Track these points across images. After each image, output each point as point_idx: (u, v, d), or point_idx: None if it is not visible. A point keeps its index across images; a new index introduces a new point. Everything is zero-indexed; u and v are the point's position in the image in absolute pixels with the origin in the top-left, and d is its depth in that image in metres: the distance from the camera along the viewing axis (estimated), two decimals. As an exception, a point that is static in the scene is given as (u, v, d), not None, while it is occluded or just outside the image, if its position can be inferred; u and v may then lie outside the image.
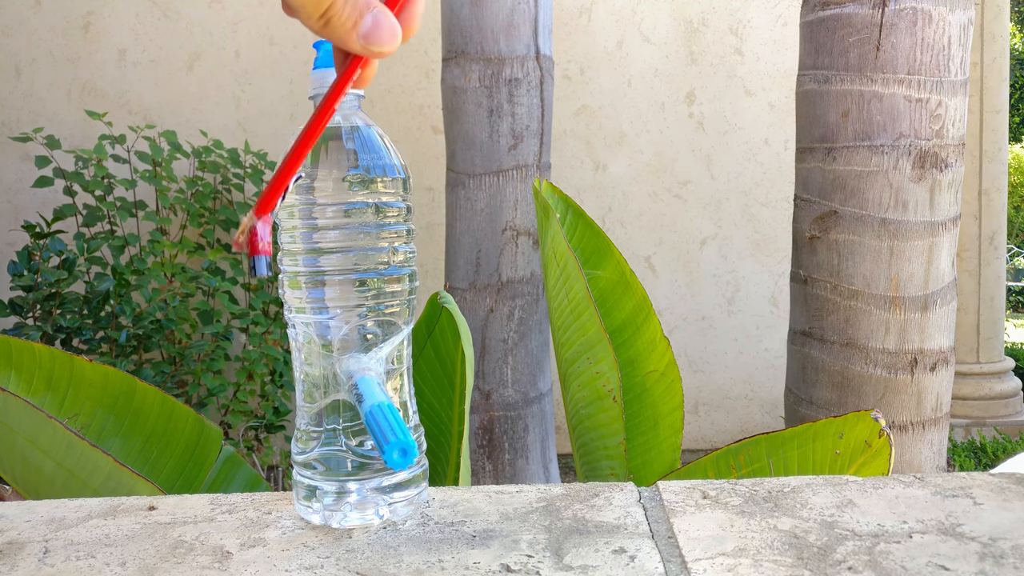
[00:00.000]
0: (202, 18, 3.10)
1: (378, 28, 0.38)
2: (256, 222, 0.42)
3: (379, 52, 0.39)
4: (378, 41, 0.38)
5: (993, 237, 3.52)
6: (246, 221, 0.42)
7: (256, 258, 0.42)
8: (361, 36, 0.38)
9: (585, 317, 1.05)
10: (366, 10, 0.38)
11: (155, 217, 2.63)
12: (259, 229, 0.42)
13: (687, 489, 0.54)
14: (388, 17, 0.39)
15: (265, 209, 0.42)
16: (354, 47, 0.38)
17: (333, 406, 0.50)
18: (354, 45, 0.38)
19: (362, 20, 0.38)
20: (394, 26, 0.39)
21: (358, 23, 0.38)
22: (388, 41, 0.39)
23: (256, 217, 0.42)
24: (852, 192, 1.42)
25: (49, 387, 0.81)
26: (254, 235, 0.42)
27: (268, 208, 0.42)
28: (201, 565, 0.45)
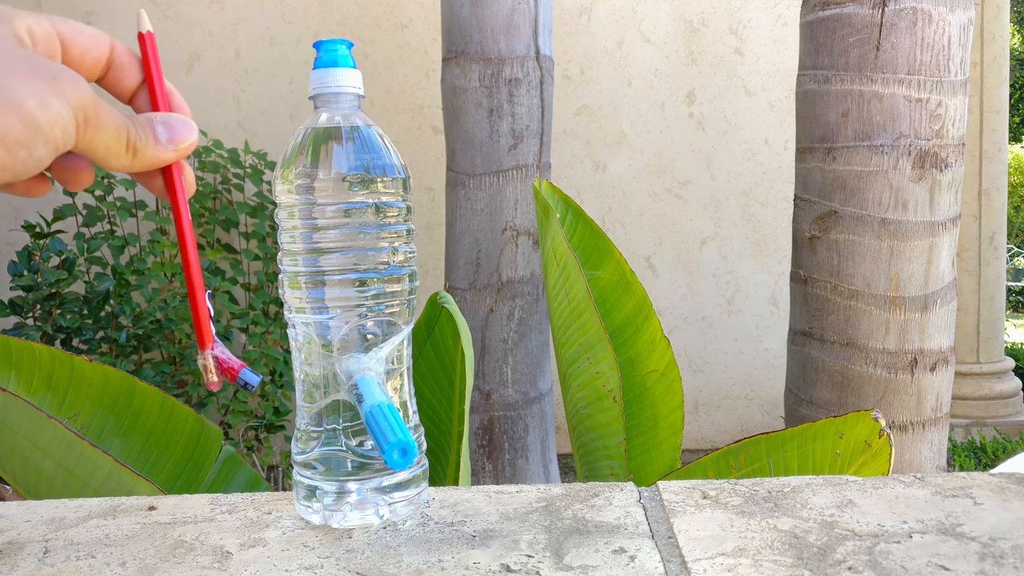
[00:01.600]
0: (202, 18, 3.10)
1: (171, 128, 0.39)
2: (210, 354, 0.43)
3: (188, 147, 0.40)
4: (182, 137, 0.40)
5: (993, 237, 3.52)
6: (202, 362, 0.43)
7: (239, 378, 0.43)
8: (167, 144, 0.39)
9: (585, 317, 1.05)
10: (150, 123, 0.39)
11: (155, 217, 2.63)
12: (219, 356, 0.43)
13: (687, 489, 0.54)
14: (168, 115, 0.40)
15: (207, 340, 0.43)
16: (168, 156, 0.39)
17: (333, 406, 0.50)
18: (167, 155, 0.39)
19: (156, 132, 0.39)
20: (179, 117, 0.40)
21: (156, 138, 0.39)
22: (188, 131, 0.40)
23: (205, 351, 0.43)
24: (852, 192, 1.42)
25: (49, 387, 0.81)
26: (221, 365, 0.43)
27: (209, 338, 0.43)
28: (201, 565, 0.45)
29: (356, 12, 3.15)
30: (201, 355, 0.43)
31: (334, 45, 0.50)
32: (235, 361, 0.43)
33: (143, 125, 0.38)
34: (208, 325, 0.43)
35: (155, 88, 0.40)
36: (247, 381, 0.43)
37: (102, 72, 0.40)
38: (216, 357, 0.43)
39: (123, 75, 0.40)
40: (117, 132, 0.37)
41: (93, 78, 0.40)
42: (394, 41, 3.16)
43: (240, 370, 0.43)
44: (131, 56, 0.40)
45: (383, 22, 3.16)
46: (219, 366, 0.43)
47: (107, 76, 0.40)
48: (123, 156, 0.37)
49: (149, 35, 0.41)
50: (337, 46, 0.50)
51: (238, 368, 0.43)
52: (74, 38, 0.38)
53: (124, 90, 0.41)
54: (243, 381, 0.43)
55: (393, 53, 3.16)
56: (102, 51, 0.39)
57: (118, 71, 0.40)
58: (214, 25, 3.11)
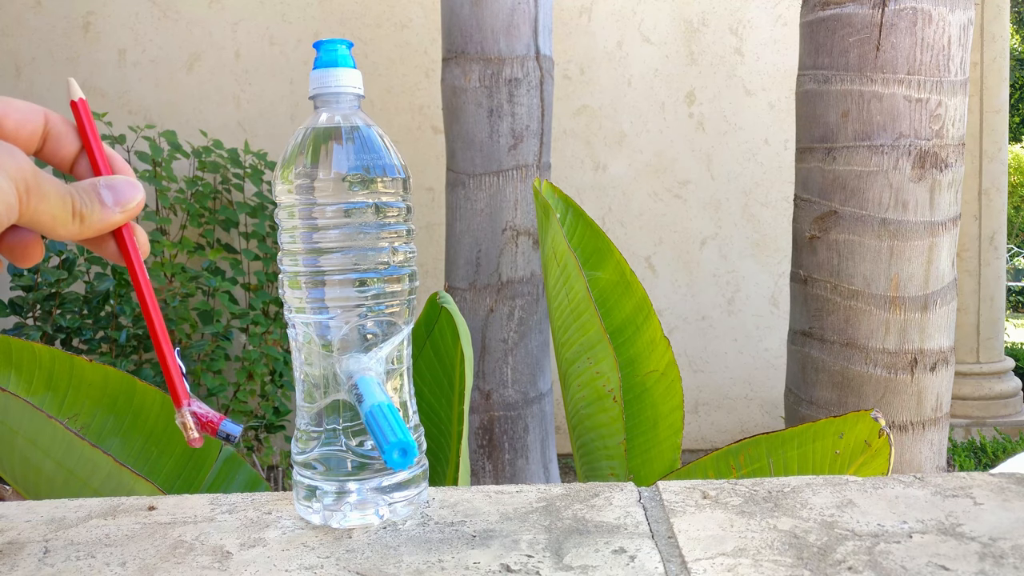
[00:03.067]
0: (202, 18, 3.10)
1: (116, 190, 0.39)
2: (187, 411, 0.43)
3: (135, 208, 0.40)
4: (128, 198, 0.39)
5: (993, 237, 3.52)
6: (180, 420, 0.43)
7: (220, 432, 0.43)
8: (113, 206, 0.39)
9: (585, 317, 1.05)
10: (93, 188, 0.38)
11: (155, 217, 2.63)
12: (197, 412, 0.43)
13: (687, 489, 0.54)
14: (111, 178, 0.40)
15: (183, 397, 0.43)
16: (116, 219, 0.39)
17: (333, 406, 0.50)
18: (115, 217, 0.39)
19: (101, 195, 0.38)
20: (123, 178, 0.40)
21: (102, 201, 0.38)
22: (133, 192, 0.40)
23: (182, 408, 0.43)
24: (852, 192, 1.42)
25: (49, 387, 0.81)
26: (199, 420, 0.43)
27: (184, 394, 0.43)
28: (201, 565, 0.45)
29: (356, 12, 3.15)
30: (178, 413, 0.43)
31: (334, 45, 0.50)
32: (213, 414, 0.43)
33: (87, 191, 0.38)
34: (181, 383, 0.43)
35: (94, 153, 0.40)
36: (228, 433, 0.43)
37: (39, 144, 0.40)
38: (194, 413, 0.43)
39: (60, 144, 0.40)
40: (61, 200, 0.36)
41: (30, 151, 0.39)
42: (394, 41, 3.16)
43: (220, 423, 0.43)
44: (66, 125, 0.40)
45: (383, 22, 3.16)
46: (198, 421, 0.43)
47: (44, 147, 0.40)
48: (71, 224, 0.37)
49: (81, 102, 0.41)
50: (337, 46, 0.50)
51: (217, 421, 0.43)
52: (6, 112, 0.38)
53: (63, 159, 0.41)
54: (224, 433, 0.43)
55: (393, 53, 3.16)
56: (36, 123, 0.39)
57: (55, 141, 0.40)
58: (214, 25, 3.11)
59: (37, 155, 0.40)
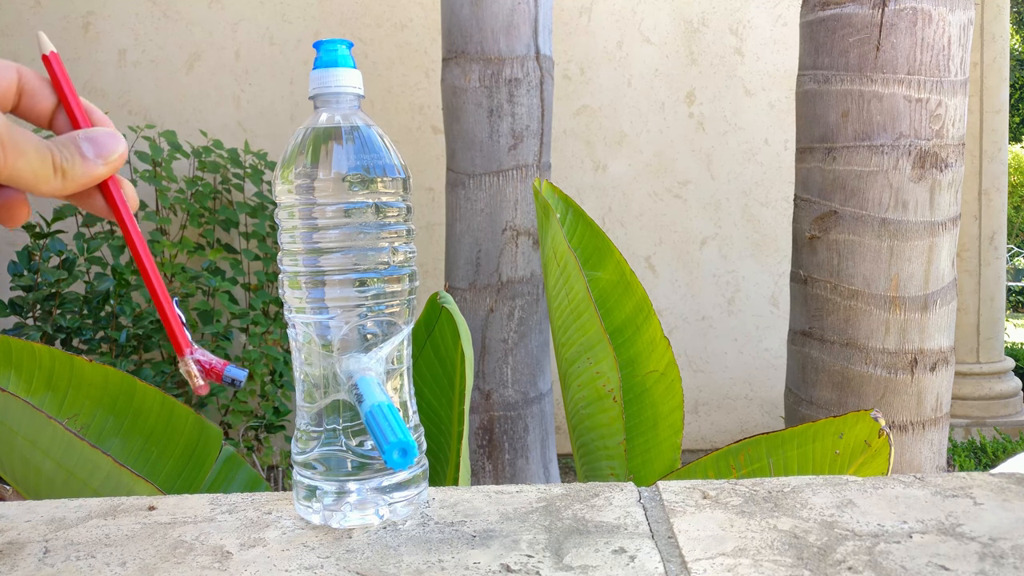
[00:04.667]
0: (202, 18, 3.10)
1: (97, 142, 0.38)
2: (190, 359, 0.42)
3: (119, 159, 0.39)
4: (110, 150, 0.38)
5: (993, 237, 3.52)
6: (184, 369, 0.42)
7: (224, 377, 0.42)
8: (95, 159, 0.38)
9: (585, 317, 1.05)
10: (73, 142, 0.38)
11: (155, 217, 2.63)
12: (200, 359, 0.42)
13: (687, 489, 0.54)
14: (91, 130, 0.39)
15: (184, 344, 0.42)
16: (100, 171, 0.38)
17: (333, 406, 0.50)
18: (99, 170, 0.38)
19: (81, 149, 0.38)
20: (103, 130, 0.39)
21: (83, 154, 0.37)
22: (114, 143, 0.39)
23: (184, 357, 0.42)
24: (852, 192, 1.42)
25: (49, 387, 0.81)
26: (203, 368, 0.42)
27: (185, 343, 0.42)
28: (201, 565, 0.45)
29: (356, 12, 3.15)
30: (182, 362, 0.42)
31: (334, 45, 0.50)
32: (217, 361, 0.43)
33: (66, 145, 0.37)
34: (182, 331, 0.42)
35: (71, 107, 0.39)
36: (234, 378, 0.42)
37: (14, 101, 0.39)
38: (198, 360, 0.42)
39: (36, 100, 0.39)
40: (39, 155, 0.36)
41: (6, 109, 0.39)
42: (394, 41, 3.16)
43: (224, 368, 0.42)
44: (41, 80, 0.39)
45: (383, 22, 3.16)
46: (202, 369, 0.42)
47: (20, 104, 0.39)
48: (52, 179, 0.36)
49: (53, 55, 0.40)
50: (337, 46, 0.50)
51: (221, 367, 0.42)
52: None
53: (41, 114, 0.40)
54: (229, 378, 0.42)
55: (393, 53, 3.16)
56: (9, 79, 0.38)
57: (30, 97, 0.39)
58: (214, 25, 3.11)
59: (13, 112, 0.39)
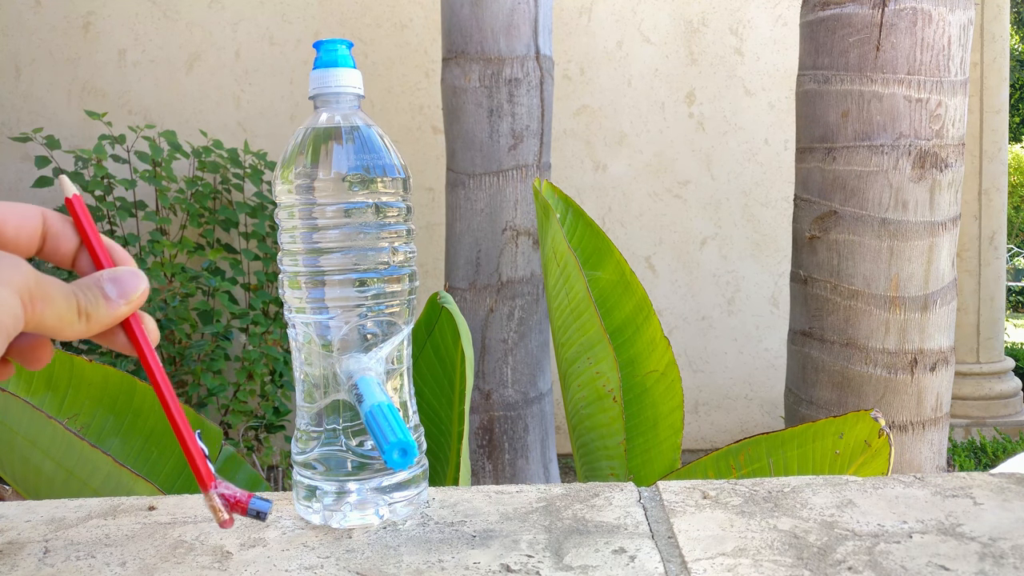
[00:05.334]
0: (202, 18, 3.10)
1: (119, 282, 0.38)
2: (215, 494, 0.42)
3: (140, 297, 0.39)
4: (132, 288, 0.39)
5: (993, 237, 3.52)
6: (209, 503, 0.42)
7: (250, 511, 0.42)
8: (118, 299, 0.38)
9: (585, 317, 1.05)
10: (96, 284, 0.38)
11: (155, 217, 2.63)
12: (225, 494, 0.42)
13: (687, 489, 0.54)
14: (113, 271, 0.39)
15: (208, 479, 0.42)
16: (122, 311, 0.38)
17: (333, 406, 0.50)
18: (121, 310, 0.38)
19: (105, 291, 0.38)
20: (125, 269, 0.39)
21: (106, 296, 0.38)
22: (137, 282, 0.39)
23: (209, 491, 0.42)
24: (852, 192, 1.42)
25: (49, 387, 0.81)
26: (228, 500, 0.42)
27: (210, 476, 0.42)
28: (201, 565, 0.45)
29: (356, 12, 3.15)
30: (206, 496, 0.42)
31: (334, 45, 0.50)
32: (242, 493, 0.42)
33: (90, 287, 0.37)
34: (206, 466, 0.42)
35: (93, 247, 0.40)
36: (259, 510, 0.42)
37: (39, 244, 0.39)
38: (222, 495, 0.42)
39: (60, 242, 0.40)
40: (66, 301, 0.36)
41: (31, 252, 0.39)
42: (394, 41, 3.16)
43: (248, 501, 0.42)
44: (64, 222, 0.40)
45: (383, 22, 3.16)
46: (226, 503, 0.42)
47: (44, 247, 0.40)
48: (77, 323, 0.36)
49: (76, 198, 0.40)
50: (337, 46, 0.50)
51: (246, 500, 0.42)
52: (4, 217, 0.37)
53: (64, 256, 0.40)
54: (255, 511, 0.42)
55: (393, 53, 3.16)
56: (35, 224, 0.39)
57: (54, 240, 0.40)
58: (214, 25, 3.11)
59: (38, 255, 0.40)
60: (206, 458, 0.42)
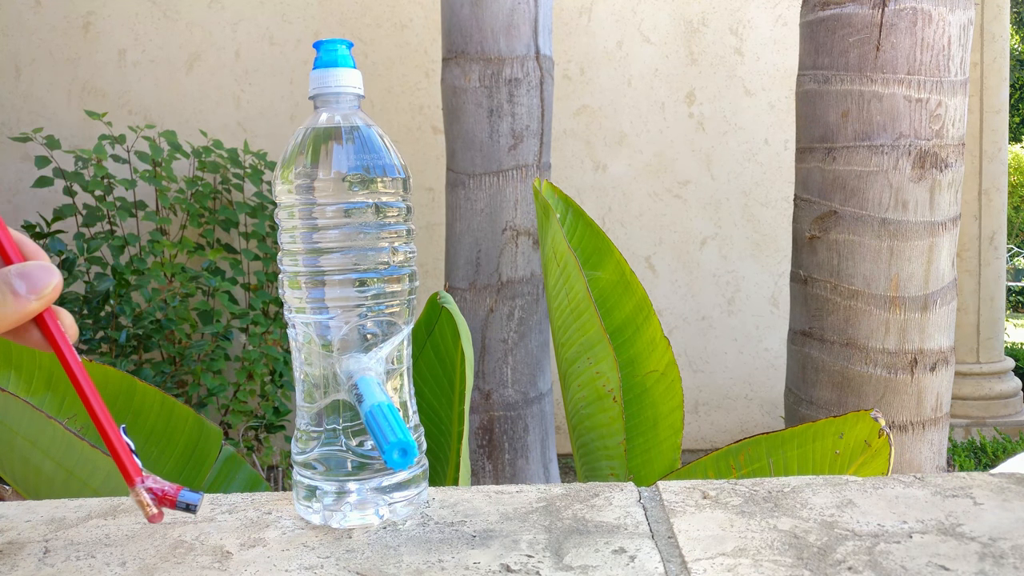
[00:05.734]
0: (202, 18, 3.10)
1: (29, 277, 0.37)
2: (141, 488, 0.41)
3: (53, 292, 0.38)
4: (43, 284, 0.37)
5: (993, 237, 3.51)
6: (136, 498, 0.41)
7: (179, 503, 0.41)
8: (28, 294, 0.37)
9: (585, 317, 1.05)
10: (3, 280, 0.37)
11: (155, 217, 2.63)
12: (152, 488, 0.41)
13: (687, 489, 0.54)
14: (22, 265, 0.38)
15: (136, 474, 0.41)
16: (32, 307, 0.37)
17: (333, 406, 0.50)
18: (31, 306, 0.37)
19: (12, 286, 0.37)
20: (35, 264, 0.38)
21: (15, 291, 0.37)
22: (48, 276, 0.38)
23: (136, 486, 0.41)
24: (852, 192, 1.42)
25: (49, 387, 0.81)
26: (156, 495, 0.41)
27: (136, 471, 0.41)
28: (201, 565, 0.45)
29: (356, 12, 3.15)
30: (133, 492, 0.41)
31: (334, 45, 0.50)
32: (170, 486, 0.42)
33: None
34: (131, 460, 0.41)
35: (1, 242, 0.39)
36: (188, 503, 0.42)
37: None
38: (149, 488, 0.42)
39: None
40: None
41: None
42: (394, 41, 3.16)
43: (177, 494, 0.42)
44: None
45: (383, 22, 3.16)
46: (155, 496, 0.41)
47: None
48: None
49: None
50: (337, 46, 0.50)
51: (175, 493, 0.42)
52: None
53: None
54: (184, 503, 0.42)
55: (393, 53, 3.16)
56: None
57: None
58: (214, 25, 3.11)
59: None
60: (131, 452, 0.42)
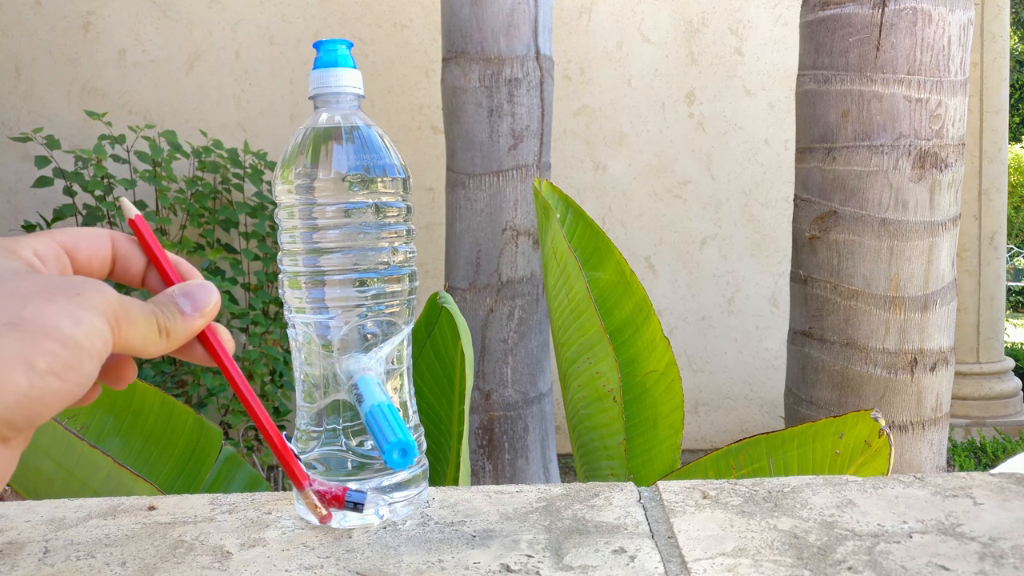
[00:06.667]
0: (202, 18, 3.10)
1: (192, 296, 0.39)
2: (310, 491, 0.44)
3: (214, 308, 0.40)
4: (204, 301, 0.39)
5: (993, 237, 3.52)
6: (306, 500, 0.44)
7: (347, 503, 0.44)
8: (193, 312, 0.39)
9: (585, 317, 1.05)
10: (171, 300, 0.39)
11: (155, 217, 2.63)
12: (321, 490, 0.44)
13: (687, 489, 0.54)
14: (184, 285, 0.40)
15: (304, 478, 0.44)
16: (198, 325, 0.39)
17: (333, 406, 0.50)
18: (197, 323, 0.39)
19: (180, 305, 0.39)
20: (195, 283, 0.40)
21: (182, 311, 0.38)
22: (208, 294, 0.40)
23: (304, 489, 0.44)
24: (852, 192, 1.42)
25: (49, 387, 0.80)
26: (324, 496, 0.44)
27: (304, 475, 0.44)
28: (201, 565, 0.45)
29: (356, 12, 3.15)
30: (303, 494, 0.44)
31: (334, 45, 0.50)
32: (336, 487, 0.44)
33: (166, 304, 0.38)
34: (299, 466, 0.44)
35: (161, 264, 0.41)
36: (355, 501, 0.44)
37: (111, 267, 0.41)
38: (318, 491, 0.44)
39: (129, 263, 0.41)
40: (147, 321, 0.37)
41: (104, 275, 0.40)
42: (394, 41, 3.16)
43: (344, 493, 0.44)
44: (130, 243, 0.41)
45: (383, 22, 3.16)
46: (322, 498, 0.44)
47: (115, 268, 0.41)
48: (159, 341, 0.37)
49: (139, 218, 0.42)
50: (337, 46, 0.50)
51: (342, 493, 0.44)
52: (76, 244, 0.39)
53: (133, 276, 0.41)
54: (351, 503, 0.44)
55: (393, 53, 3.16)
56: (105, 249, 0.40)
57: (123, 261, 0.41)
58: (214, 25, 3.11)
59: (110, 277, 0.41)
60: (297, 458, 0.44)
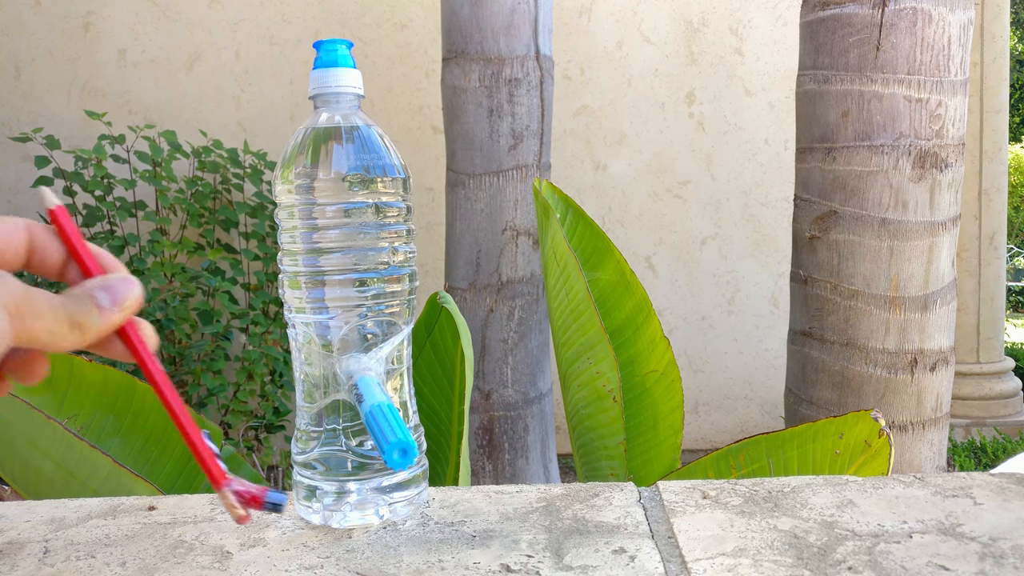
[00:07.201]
0: (202, 18, 3.10)
1: (111, 289, 0.38)
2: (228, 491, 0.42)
3: (134, 303, 0.38)
4: (124, 296, 0.38)
5: (993, 237, 3.51)
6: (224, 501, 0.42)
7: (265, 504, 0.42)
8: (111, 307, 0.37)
9: (585, 317, 1.05)
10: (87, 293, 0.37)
11: (155, 217, 2.63)
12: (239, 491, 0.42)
13: (687, 489, 0.54)
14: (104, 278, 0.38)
15: (221, 477, 0.42)
16: (116, 320, 0.38)
17: (333, 406, 0.50)
18: (115, 318, 0.37)
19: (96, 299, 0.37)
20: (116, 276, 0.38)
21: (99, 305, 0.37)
22: (128, 287, 0.38)
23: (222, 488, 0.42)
24: (852, 192, 1.42)
25: (49, 387, 0.81)
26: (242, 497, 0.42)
27: (222, 474, 0.42)
28: (201, 565, 0.45)
29: (356, 12, 3.15)
30: (220, 494, 0.42)
31: (334, 45, 0.50)
32: (256, 488, 0.43)
33: (80, 297, 0.37)
34: (216, 464, 0.42)
35: (81, 257, 0.39)
36: (275, 503, 0.42)
37: (25, 258, 0.39)
38: (236, 491, 0.42)
39: (46, 254, 0.39)
40: (54, 313, 0.35)
41: (18, 266, 0.38)
42: (394, 41, 3.16)
43: (264, 495, 0.42)
44: (48, 233, 0.39)
45: (383, 22, 3.16)
46: (241, 499, 0.42)
47: (32, 260, 0.39)
48: (70, 335, 0.36)
49: (60, 209, 0.40)
50: (337, 46, 0.50)
51: (261, 494, 0.42)
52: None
53: (52, 268, 0.40)
54: (271, 504, 0.42)
55: (393, 53, 3.16)
56: (19, 238, 0.38)
57: (40, 252, 0.39)
58: (214, 25, 3.11)
59: (26, 268, 0.39)
60: (216, 457, 0.42)
